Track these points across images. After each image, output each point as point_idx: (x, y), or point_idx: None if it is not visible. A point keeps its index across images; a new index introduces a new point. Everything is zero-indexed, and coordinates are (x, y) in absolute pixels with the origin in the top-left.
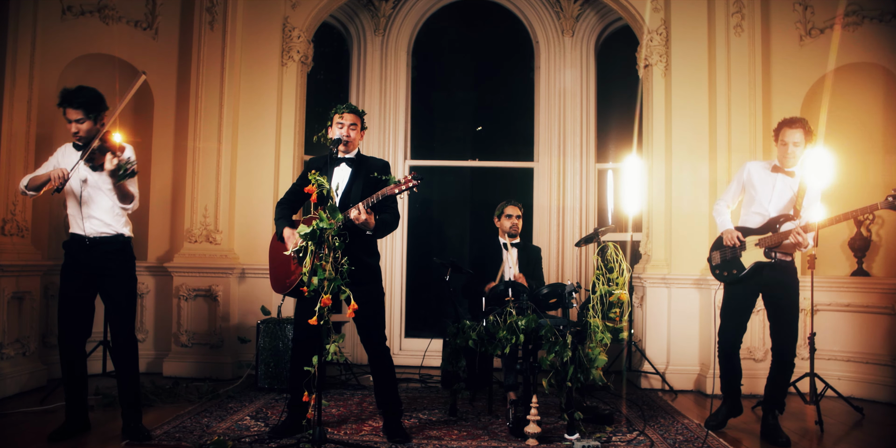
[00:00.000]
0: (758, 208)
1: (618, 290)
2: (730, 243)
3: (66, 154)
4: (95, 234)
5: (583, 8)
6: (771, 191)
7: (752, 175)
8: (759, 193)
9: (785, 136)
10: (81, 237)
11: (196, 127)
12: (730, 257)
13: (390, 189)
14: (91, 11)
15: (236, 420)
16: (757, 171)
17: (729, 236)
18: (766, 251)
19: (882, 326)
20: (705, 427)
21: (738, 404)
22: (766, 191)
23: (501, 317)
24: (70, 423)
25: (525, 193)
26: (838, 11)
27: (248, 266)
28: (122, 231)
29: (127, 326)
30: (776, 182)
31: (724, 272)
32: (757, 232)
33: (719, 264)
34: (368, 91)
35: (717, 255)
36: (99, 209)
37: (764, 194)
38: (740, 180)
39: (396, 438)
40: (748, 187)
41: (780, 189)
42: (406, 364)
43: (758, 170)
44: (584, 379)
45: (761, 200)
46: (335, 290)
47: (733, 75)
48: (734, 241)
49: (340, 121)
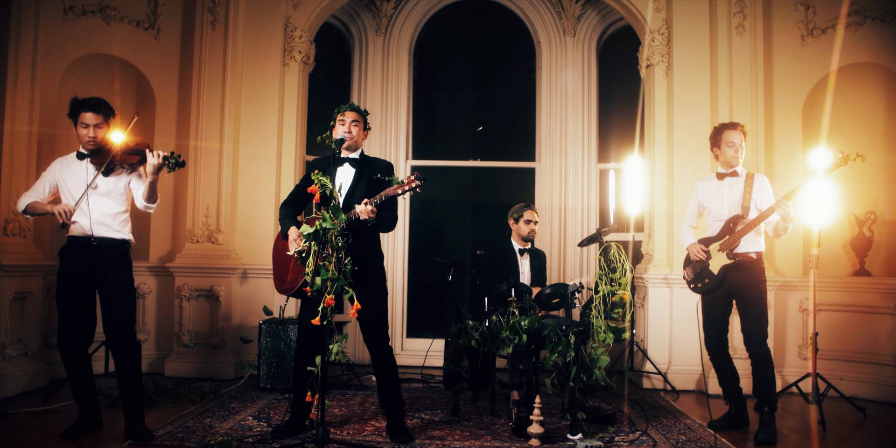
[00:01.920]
0: (715, 216)
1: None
2: (696, 258)
3: (68, 165)
4: (102, 237)
5: (584, 8)
6: (721, 197)
7: (703, 191)
8: (713, 204)
9: (729, 137)
10: (86, 240)
11: (198, 127)
12: (699, 269)
13: (393, 189)
14: (93, 11)
15: (239, 420)
16: (705, 187)
17: (694, 251)
18: (727, 253)
19: (884, 326)
20: (709, 427)
21: (743, 414)
22: (717, 199)
23: (504, 317)
24: (82, 420)
25: (526, 193)
26: (841, 11)
27: (250, 266)
28: (128, 237)
29: (128, 329)
30: (723, 188)
31: (699, 284)
32: (717, 238)
33: (693, 279)
34: (370, 91)
35: (689, 271)
36: (106, 215)
37: (717, 203)
38: (695, 201)
39: (399, 438)
40: (704, 203)
41: (728, 193)
42: (408, 364)
43: (706, 185)
44: (586, 379)
45: (717, 210)
46: (338, 291)
47: (735, 75)
48: (700, 254)
49: (342, 118)
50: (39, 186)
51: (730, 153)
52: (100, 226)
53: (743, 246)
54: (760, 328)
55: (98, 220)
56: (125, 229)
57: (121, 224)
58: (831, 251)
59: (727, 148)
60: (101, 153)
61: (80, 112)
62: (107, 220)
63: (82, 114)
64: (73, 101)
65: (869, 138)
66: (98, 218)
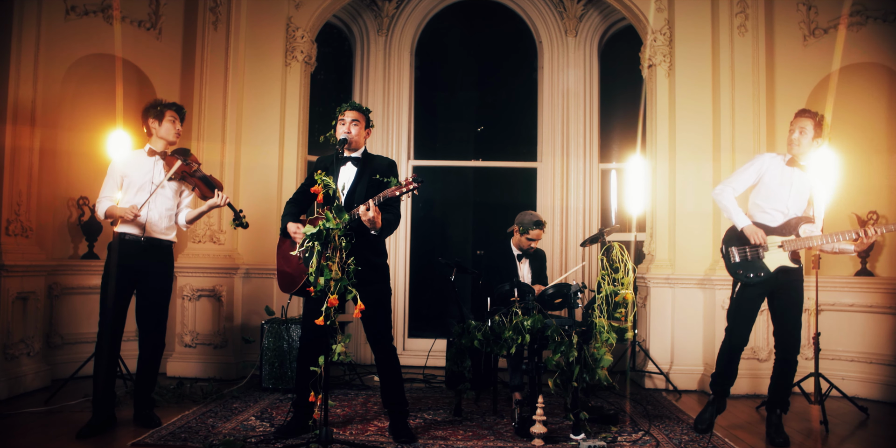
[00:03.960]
0: (777, 205)
1: (623, 290)
2: (758, 242)
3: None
4: (151, 238)
5: (586, 8)
6: (790, 188)
7: (770, 168)
8: (778, 189)
9: (796, 122)
10: (136, 239)
11: (200, 127)
12: (751, 257)
13: (391, 191)
14: (95, 11)
15: (241, 420)
16: (774, 165)
17: (755, 236)
18: (790, 255)
19: (886, 326)
20: (694, 430)
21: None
22: (784, 187)
23: (507, 317)
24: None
25: (528, 193)
26: (843, 11)
27: (253, 266)
28: (173, 239)
29: (162, 324)
30: (793, 178)
31: (749, 273)
32: (776, 231)
33: (739, 263)
34: (372, 91)
35: (735, 253)
36: (161, 216)
37: (783, 191)
38: (758, 171)
39: (402, 438)
40: (765, 180)
41: (798, 187)
42: (410, 364)
43: (775, 163)
44: (589, 379)
45: (781, 197)
46: (342, 291)
47: (737, 75)
48: (762, 240)
49: (342, 118)
50: (109, 187)
51: (790, 137)
52: (152, 225)
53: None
54: (799, 330)
55: (152, 219)
56: (172, 232)
57: (169, 227)
58: None
59: (790, 133)
60: (173, 156)
61: (166, 110)
62: (161, 220)
63: (168, 111)
64: (155, 102)
65: (871, 138)
66: (153, 217)
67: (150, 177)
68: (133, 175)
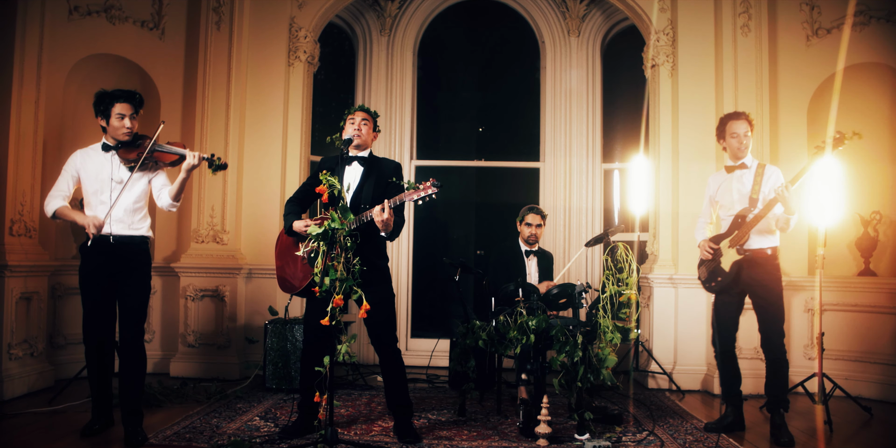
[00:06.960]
0: (726, 211)
1: (627, 290)
2: (705, 256)
3: (90, 156)
4: (120, 235)
5: (589, 8)
6: (730, 191)
7: (713, 185)
8: (723, 198)
9: (733, 127)
10: (105, 239)
11: (203, 127)
12: (712, 268)
13: (409, 194)
14: (98, 11)
15: (245, 421)
16: (716, 181)
17: (702, 248)
18: (737, 249)
19: (890, 326)
20: (705, 430)
21: (740, 418)
22: (727, 193)
23: (511, 317)
24: (96, 418)
25: (531, 194)
26: (847, 11)
27: (256, 266)
28: (147, 233)
29: (141, 334)
30: (732, 181)
31: (712, 283)
32: (727, 235)
33: (706, 278)
34: (374, 91)
35: (703, 271)
36: (127, 211)
37: (727, 197)
38: (709, 194)
39: (407, 439)
40: (715, 198)
41: (737, 186)
42: (413, 364)
43: (716, 178)
44: (594, 379)
45: (727, 204)
46: (346, 291)
47: (740, 75)
48: (707, 252)
49: (352, 118)
50: (62, 184)
51: (734, 144)
52: (119, 223)
53: (754, 241)
54: (778, 327)
55: (118, 217)
56: (144, 225)
57: (140, 220)
58: (836, 251)
59: (731, 139)
60: (130, 146)
61: (114, 103)
62: (127, 216)
63: (117, 104)
64: (101, 93)
65: (874, 138)
66: (118, 215)
67: (108, 173)
68: (89, 170)
